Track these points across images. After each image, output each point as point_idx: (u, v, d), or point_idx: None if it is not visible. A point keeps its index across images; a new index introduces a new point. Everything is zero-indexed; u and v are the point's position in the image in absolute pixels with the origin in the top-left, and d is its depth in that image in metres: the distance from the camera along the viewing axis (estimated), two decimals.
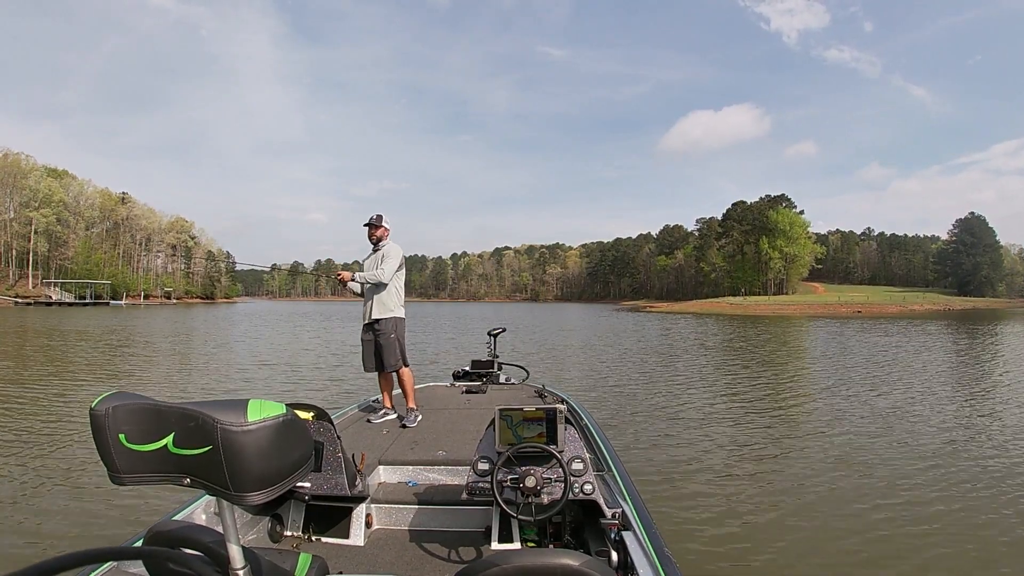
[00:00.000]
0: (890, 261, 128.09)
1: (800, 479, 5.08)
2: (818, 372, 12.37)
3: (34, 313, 44.52)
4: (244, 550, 0.96)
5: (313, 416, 2.44)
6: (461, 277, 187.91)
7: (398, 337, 4.22)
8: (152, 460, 0.84)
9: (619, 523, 2.16)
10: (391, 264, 4.22)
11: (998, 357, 15.11)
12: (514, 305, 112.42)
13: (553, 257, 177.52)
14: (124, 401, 0.86)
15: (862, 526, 4.03)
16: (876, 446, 6.10)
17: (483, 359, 5.97)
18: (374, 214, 4.34)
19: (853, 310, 56.43)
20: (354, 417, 4.11)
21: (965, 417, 7.56)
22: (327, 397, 8.99)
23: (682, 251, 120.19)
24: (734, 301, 70.09)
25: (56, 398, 8.73)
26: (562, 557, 0.98)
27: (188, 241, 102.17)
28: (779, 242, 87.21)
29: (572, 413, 3.70)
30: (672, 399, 8.97)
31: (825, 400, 8.85)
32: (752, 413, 7.94)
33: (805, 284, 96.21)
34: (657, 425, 7.12)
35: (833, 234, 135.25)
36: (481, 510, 2.59)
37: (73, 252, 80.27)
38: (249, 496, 0.81)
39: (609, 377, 11.44)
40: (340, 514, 2.60)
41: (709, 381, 11.01)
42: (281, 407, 0.85)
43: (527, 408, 2.35)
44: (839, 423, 7.23)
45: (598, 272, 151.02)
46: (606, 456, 2.88)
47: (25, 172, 75.21)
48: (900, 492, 4.68)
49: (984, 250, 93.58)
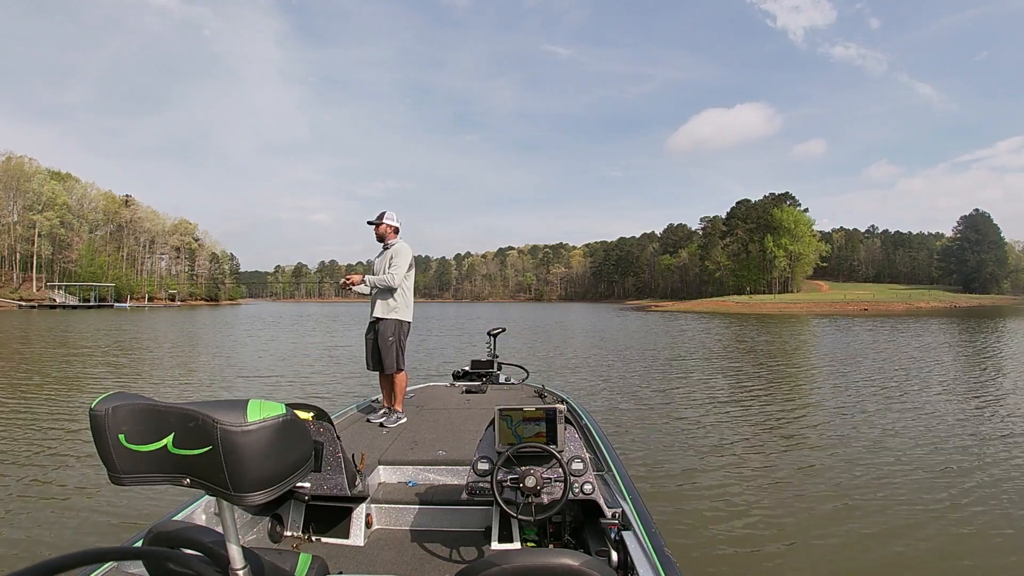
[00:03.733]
0: (894, 259, 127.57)
1: (802, 479, 5.05)
2: (826, 371, 12.29)
3: (38, 316, 44.70)
4: (244, 550, 0.96)
5: (313, 416, 2.44)
6: (465, 277, 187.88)
7: (396, 340, 4.19)
8: (152, 460, 0.84)
9: (619, 523, 2.16)
10: (401, 266, 4.19)
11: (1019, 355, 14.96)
12: (518, 305, 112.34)
13: (557, 257, 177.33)
14: (124, 401, 0.86)
15: (865, 528, 4.00)
16: (886, 449, 6.00)
17: (483, 359, 5.96)
18: (379, 212, 4.34)
19: (859, 308, 56.21)
20: (354, 417, 4.11)
21: (987, 420, 7.28)
22: (327, 397, 9.01)
23: (686, 250, 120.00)
24: (740, 300, 69.95)
25: (56, 398, 8.76)
26: (562, 557, 0.98)
27: (192, 243, 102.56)
28: (784, 240, 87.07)
29: (572, 413, 3.69)
30: (673, 399, 8.95)
31: (833, 400, 8.78)
32: (755, 413, 7.91)
33: (809, 282, 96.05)
34: (658, 425, 7.09)
35: (837, 232, 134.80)
36: (481, 510, 2.59)
37: (77, 255, 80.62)
38: (249, 496, 0.81)
39: (610, 377, 11.42)
40: (340, 514, 2.60)
41: (712, 381, 10.97)
42: (281, 407, 0.85)
43: (527, 408, 2.34)
44: (846, 423, 7.19)
45: (602, 272, 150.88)
46: (606, 456, 2.87)
47: (28, 175, 75.54)
48: (906, 497, 4.61)
49: (989, 247, 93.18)
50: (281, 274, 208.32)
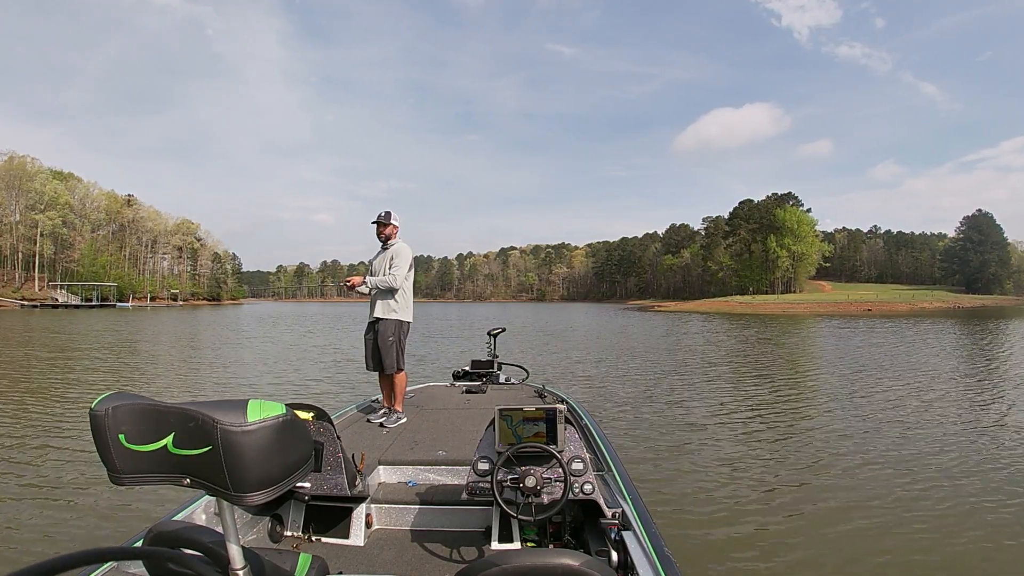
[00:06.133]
0: (897, 259, 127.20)
1: (802, 480, 5.04)
2: (830, 373, 12.24)
3: (40, 316, 44.83)
4: (244, 550, 0.96)
5: (313, 416, 2.44)
6: (467, 277, 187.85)
7: (397, 340, 4.19)
8: (152, 460, 0.84)
9: (619, 523, 2.15)
10: (402, 266, 4.19)
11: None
12: (520, 305, 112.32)
13: (559, 257, 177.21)
14: (124, 401, 0.86)
15: (866, 528, 3.99)
16: (890, 451, 5.97)
17: (483, 359, 5.96)
18: (383, 211, 4.31)
19: (863, 308, 56.08)
20: (354, 417, 4.12)
21: (999, 424, 7.24)
22: (327, 397, 9.02)
23: (689, 250, 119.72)
24: (742, 300, 69.89)
25: (57, 398, 8.77)
26: (562, 557, 0.98)
27: (194, 243, 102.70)
28: (787, 240, 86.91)
29: (572, 413, 3.68)
30: (674, 399, 8.93)
31: (836, 402, 8.73)
32: (756, 414, 7.89)
33: (812, 283, 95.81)
34: (658, 425, 7.08)
35: (839, 232, 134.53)
36: (481, 510, 2.58)
37: (79, 255, 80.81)
38: (249, 496, 0.81)
39: (610, 377, 11.41)
40: (340, 514, 2.60)
41: (713, 381, 10.96)
42: (281, 407, 0.85)
43: (527, 408, 2.34)
44: (848, 425, 7.16)
45: (604, 272, 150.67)
46: (606, 456, 2.87)
47: (31, 175, 75.76)
48: (911, 502, 4.57)
49: (992, 247, 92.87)
50: (283, 274, 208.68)
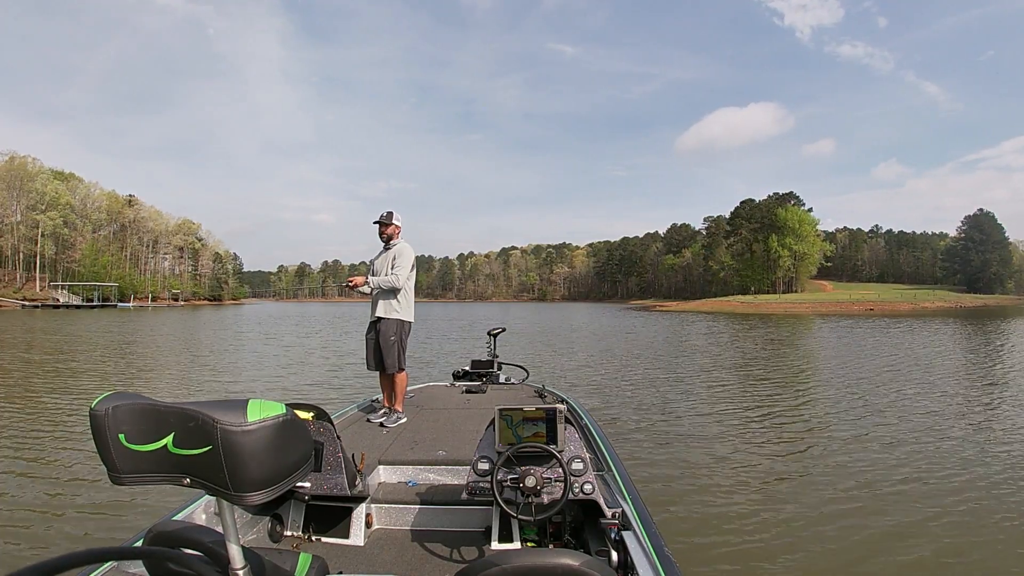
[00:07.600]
0: (898, 259, 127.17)
1: (803, 480, 5.04)
2: (832, 373, 12.24)
3: (41, 316, 44.86)
4: (244, 550, 0.96)
5: (313, 416, 2.44)
6: (468, 277, 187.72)
7: (398, 340, 4.19)
8: (152, 460, 0.84)
9: (619, 523, 2.15)
10: (405, 266, 4.18)
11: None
12: (521, 305, 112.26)
13: (560, 257, 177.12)
14: (124, 401, 0.86)
15: (867, 529, 3.99)
16: (892, 452, 5.95)
17: (483, 359, 5.96)
18: (385, 211, 4.31)
19: (865, 308, 55.98)
20: (354, 417, 4.12)
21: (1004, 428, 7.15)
22: (327, 397, 9.02)
23: (690, 250, 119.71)
24: (744, 300, 69.81)
25: (57, 398, 8.78)
26: (562, 557, 0.98)
27: (195, 243, 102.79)
28: (788, 240, 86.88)
29: (572, 413, 3.69)
30: (674, 399, 8.92)
31: (838, 404, 8.70)
32: (757, 414, 7.89)
33: (813, 282, 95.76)
34: (658, 425, 7.08)
35: (841, 232, 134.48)
36: (481, 510, 2.58)
37: (80, 255, 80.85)
38: (249, 496, 0.81)
39: (610, 377, 11.41)
40: (340, 514, 2.60)
41: (714, 381, 10.95)
42: (281, 407, 0.85)
43: (527, 408, 2.34)
44: (850, 426, 7.15)
45: (605, 272, 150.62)
46: (606, 456, 2.87)
47: (32, 175, 75.82)
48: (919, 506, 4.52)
49: (993, 247, 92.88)
50: (284, 274, 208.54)
